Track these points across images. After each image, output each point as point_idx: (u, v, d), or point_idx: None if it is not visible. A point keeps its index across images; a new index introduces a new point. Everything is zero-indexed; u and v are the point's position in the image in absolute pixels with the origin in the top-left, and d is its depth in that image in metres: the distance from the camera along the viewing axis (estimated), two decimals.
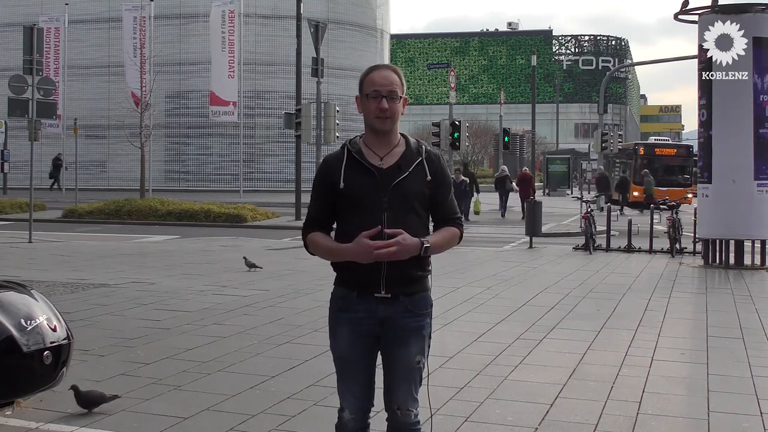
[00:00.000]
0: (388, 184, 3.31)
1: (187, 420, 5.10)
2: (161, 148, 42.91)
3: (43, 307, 5.02)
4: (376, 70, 3.39)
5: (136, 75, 30.53)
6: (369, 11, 48.69)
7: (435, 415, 5.08)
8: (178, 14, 43.69)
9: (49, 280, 11.16)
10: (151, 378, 6.06)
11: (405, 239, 3.21)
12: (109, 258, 14.16)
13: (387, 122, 3.34)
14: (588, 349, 7.29)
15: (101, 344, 7.17)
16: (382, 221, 3.27)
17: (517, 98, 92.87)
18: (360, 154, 3.36)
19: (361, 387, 3.43)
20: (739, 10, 14.09)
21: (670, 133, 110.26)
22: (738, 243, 14.09)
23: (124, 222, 23.67)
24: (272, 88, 43.67)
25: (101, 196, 29.41)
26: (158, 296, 9.94)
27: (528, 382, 6.18)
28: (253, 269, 12.43)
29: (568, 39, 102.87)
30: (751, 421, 5.28)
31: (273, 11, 43.86)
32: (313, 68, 24.04)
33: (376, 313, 3.35)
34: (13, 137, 39.18)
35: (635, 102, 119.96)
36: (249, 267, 12.49)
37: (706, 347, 7.43)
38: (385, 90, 3.32)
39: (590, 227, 16.62)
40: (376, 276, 3.30)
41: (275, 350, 7.07)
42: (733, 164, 13.70)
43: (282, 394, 5.68)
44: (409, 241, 3.22)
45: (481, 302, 9.78)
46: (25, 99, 17.01)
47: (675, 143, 48.66)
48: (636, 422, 5.19)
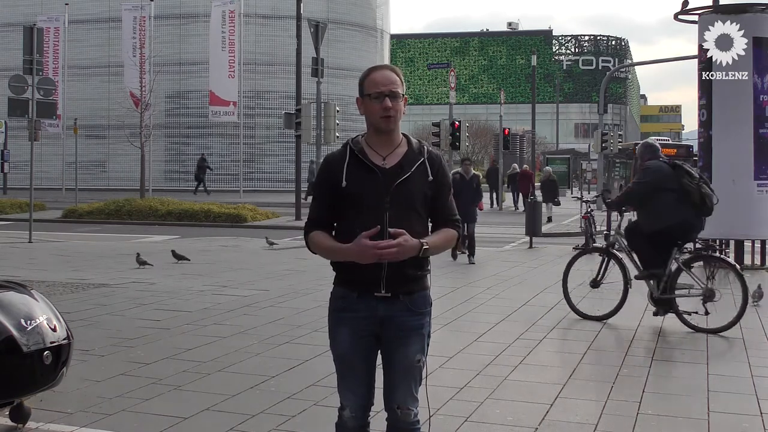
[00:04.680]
0: (391, 183, 3.31)
1: (187, 420, 5.10)
2: (161, 148, 42.92)
3: (43, 307, 5.02)
4: (376, 70, 3.40)
5: (136, 75, 30.54)
6: (369, 11, 48.70)
7: (435, 415, 5.08)
8: (178, 14, 43.69)
9: (49, 280, 11.16)
10: (151, 378, 6.06)
11: (407, 240, 3.22)
12: (109, 258, 14.16)
13: (391, 121, 3.36)
14: (588, 349, 7.29)
15: (101, 344, 7.17)
16: (384, 221, 3.27)
17: (517, 98, 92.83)
18: (363, 153, 3.37)
19: (361, 386, 3.44)
20: (739, 10, 14.09)
21: (670, 133, 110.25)
22: (738, 243, 14.08)
23: (124, 222, 23.66)
24: (272, 88, 43.68)
25: (101, 196, 29.41)
26: (158, 296, 9.94)
27: (528, 382, 6.18)
28: (181, 261, 13.12)
29: (568, 39, 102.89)
30: (751, 421, 5.28)
31: (273, 11, 43.87)
32: (313, 68, 24.02)
33: (376, 313, 3.36)
34: (13, 137, 39.17)
35: (635, 102, 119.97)
36: (177, 259, 13.17)
37: (706, 347, 7.43)
38: (387, 89, 3.33)
39: (590, 227, 16.61)
40: (376, 275, 3.30)
41: (275, 350, 7.07)
42: (733, 164, 13.70)
43: (282, 394, 5.68)
44: (411, 242, 3.23)
45: (481, 302, 9.78)
46: (25, 99, 17.01)
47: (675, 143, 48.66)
48: (636, 422, 5.19)
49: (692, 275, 8.53)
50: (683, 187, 8.38)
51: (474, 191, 14.86)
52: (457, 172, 14.99)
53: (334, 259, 3.39)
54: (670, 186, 8.43)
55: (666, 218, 8.42)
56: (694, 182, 8.43)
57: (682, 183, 8.40)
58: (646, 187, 8.56)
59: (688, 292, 8.49)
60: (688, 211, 8.42)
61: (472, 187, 14.81)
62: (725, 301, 8.48)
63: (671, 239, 8.50)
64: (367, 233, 3.21)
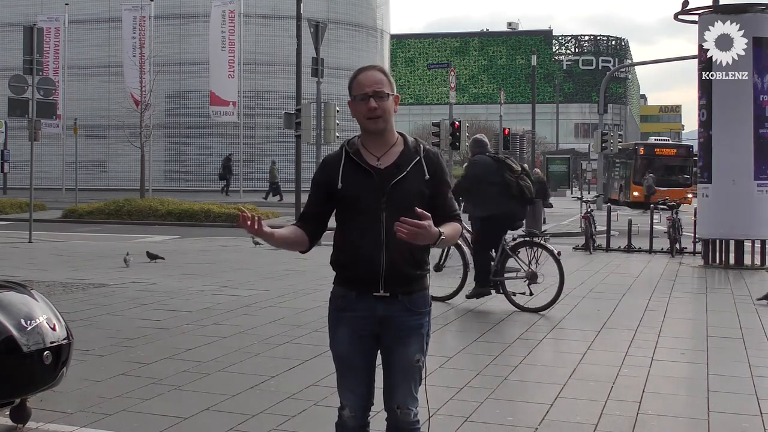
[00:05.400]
0: (386, 184, 3.31)
1: (187, 420, 5.10)
2: (161, 148, 42.89)
3: (43, 307, 5.02)
4: (362, 72, 3.41)
5: (136, 75, 30.53)
6: (369, 11, 48.68)
7: (435, 415, 5.08)
8: (178, 14, 43.67)
9: (49, 280, 11.15)
10: (151, 378, 6.06)
11: (431, 225, 3.16)
12: (109, 258, 14.16)
13: (379, 122, 3.34)
14: (588, 349, 7.29)
15: (101, 344, 7.17)
16: (381, 221, 3.27)
17: (517, 98, 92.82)
18: (357, 154, 3.37)
19: (361, 385, 3.44)
20: (739, 10, 14.10)
21: (670, 133, 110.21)
22: (738, 243, 14.09)
23: (124, 222, 23.66)
24: (272, 88, 43.66)
25: (101, 196, 29.41)
26: (158, 296, 9.94)
27: (528, 382, 6.18)
28: (156, 260, 13.21)
29: (568, 39, 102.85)
30: (751, 421, 5.28)
31: (273, 11, 43.84)
32: (313, 68, 24.01)
33: (375, 312, 3.36)
34: (13, 137, 39.16)
35: (635, 102, 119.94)
36: (151, 259, 13.27)
37: (706, 347, 7.43)
38: (371, 90, 3.31)
39: (590, 227, 16.62)
40: (375, 275, 3.31)
41: (275, 350, 7.07)
42: (733, 164, 13.71)
43: (282, 394, 5.68)
44: (433, 229, 3.17)
45: (481, 302, 9.78)
46: (25, 99, 17.01)
47: (675, 143, 48.70)
48: (636, 422, 5.19)
49: (518, 260, 9.53)
50: (504, 180, 9.37)
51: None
52: None
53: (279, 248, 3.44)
54: (492, 179, 9.41)
55: (490, 208, 9.42)
56: (514, 176, 9.42)
57: (504, 176, 9.40)
58: (471, 180, 9.66)
59: (515, 275, 9.52)
60: (510, 201, 9.41)
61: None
62: (547, 284, 9.39)
63: (498, 226, 9.51)
64: None
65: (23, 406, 4.89)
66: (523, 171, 9.60)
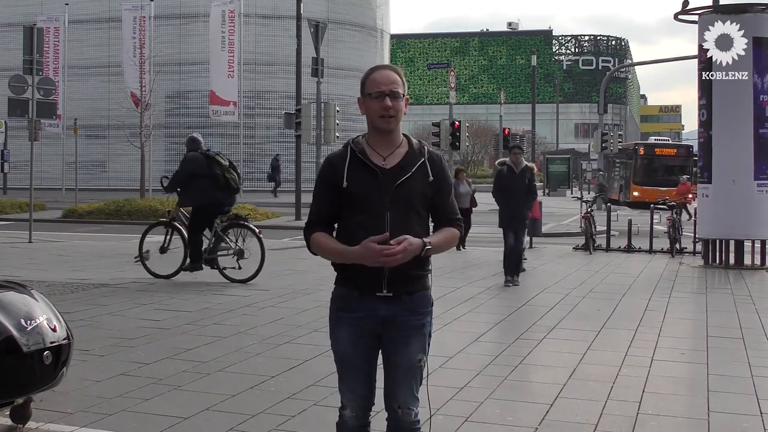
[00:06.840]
0: (391, 184, 3.31)
1: (187, 420, 5.10)
2: (161, 148, 42.87)
3: (43, 307, 5.01)
4: (378, 70, 3.40)
5: (136, 75, 30.51)
6: (369, 11, 48.68)
7: (435, 415, 5.08)
8: (178, 14, 43.67)
9: (49, 280, 11.15)
10: (151, 378, 6.06)
11: (411, 244, 3.22)
12: (109, 258, 14.16)
13: (391, 121, 3.35)
14: (588, 349, 7.29)
15: (101, 344, 7.17)
16: (385, 221, 3.27)
17: (517, 98, 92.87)
18: (363, 153, 3.37)
19: (362, 385, 3.44)
20: (739, 10, 14.10)
21: (670, 133, 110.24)
22: (738, 243, 14.09)
23: (124, 222, 23.64)
24: (272, 88, 43.66)
25: (101, 196, 29.40)
26: (158, 296, 9.94)
27: (528, 382, 6.19)
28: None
29: (568, 39, 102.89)
30: (751, 421, 5.28)
31: (273, 11, 43.85)
32: (313, 68, 24.04)
33: (377, 313, 3.36)
34: (13, 137, 39.14)
35: (635, 102, 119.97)
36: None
37: (706, 347, 7.43)
38: (387, 89, 3.32)
39: (590, 227, 16.62)
40: (378, 275, 3.30)
41: (275, 350, 7.07)
42: (733, 164, 13.71)
43: (282, 394, 5.68)
44: (414, 243, 3.23)
45: (481, 302, 9.78)
46: (25, 99, 17.00)
47: (675, 143, 48.69)
48: (636, 422, 5.19)
49: (227, 239, 11.22)
50: (212, 173, 10.97)
51: (526, 188, 11.30)
52: (504, 161, 11.84)
53: (337, 260, 3.38)
54: (202, 173, 10.98)
55: (201, 197, 11.03)
56: (221, 170, 11.01)
57: (212, 170, 10.98)
58: (183, 174, 11.20)
59: (226, 252, 11.19)
60: (218, 192, 11.06)
61: (524, 183, 11.27)
62: (253, 258, 10.96)
63: (208, 213, 11.12)
64: (375, 239, 3.21)
65: (27, 405, 4.89)
66: (231, 165, 11.22)
